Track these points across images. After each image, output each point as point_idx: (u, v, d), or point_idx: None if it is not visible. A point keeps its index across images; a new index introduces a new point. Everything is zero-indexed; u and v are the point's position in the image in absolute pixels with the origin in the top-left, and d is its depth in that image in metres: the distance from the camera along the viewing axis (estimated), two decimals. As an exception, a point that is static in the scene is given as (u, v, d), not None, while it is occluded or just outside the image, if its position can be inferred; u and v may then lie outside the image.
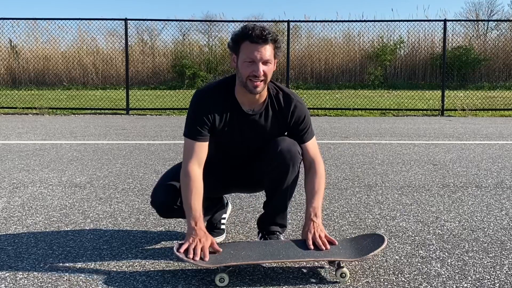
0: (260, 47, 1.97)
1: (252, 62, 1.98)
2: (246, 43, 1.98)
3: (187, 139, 2.09)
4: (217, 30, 17.68)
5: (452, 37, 16.37)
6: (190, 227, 1.98)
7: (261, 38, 1.96)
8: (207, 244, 1.93)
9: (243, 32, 1.99)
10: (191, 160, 2.05)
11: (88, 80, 16.36)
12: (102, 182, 3.74)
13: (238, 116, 2.12)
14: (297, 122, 2.16)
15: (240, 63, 2.02)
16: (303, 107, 2.17)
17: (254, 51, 1.97)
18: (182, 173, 2.06)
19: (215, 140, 2.14)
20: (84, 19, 11.09)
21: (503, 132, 7.08)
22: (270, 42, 1.99)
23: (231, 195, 3.14)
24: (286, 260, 1.97)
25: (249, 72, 1.99)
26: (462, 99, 11.38)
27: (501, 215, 2.90)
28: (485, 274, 2.01)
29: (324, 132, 7.07)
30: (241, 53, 2.01)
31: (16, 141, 5.92)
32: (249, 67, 1.99)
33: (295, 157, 2.11)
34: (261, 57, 1.98)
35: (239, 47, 2.01)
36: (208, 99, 2.10)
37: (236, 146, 2.19)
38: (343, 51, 16.18)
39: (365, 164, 4.53)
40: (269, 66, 2.02)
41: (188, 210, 2.00)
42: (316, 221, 2.06)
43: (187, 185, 2.02)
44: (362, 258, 1.94)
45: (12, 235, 2.49)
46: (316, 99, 11.42)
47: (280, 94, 2.15)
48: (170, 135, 6.64)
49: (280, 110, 2.14)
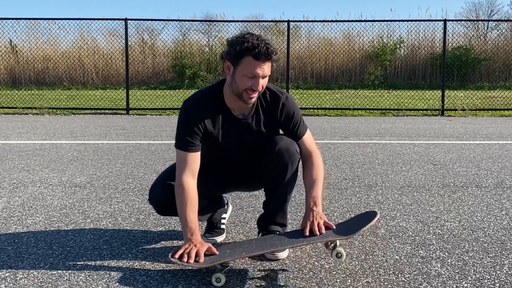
0: (263, 65, 1.98)
1: (253, 77, 1.98)
2: (249, 59, 1.96)
3: (179, 150, 2.08)
4: (217, 30, 17.69)
5: (452, 37, 16.35)
6: (186, 238, 1.98)
7: (266, 56, 1.96)
8: (203, 249, 1.94)
9: (247, 47, 1.95)
10: (184, 172, 2.05)
11: (88, 80, 16.36)
12: (102, 182, 3.74)
13: (230, 121, 2.12)
14: (287, 118, 2.16)
15: (238, 75, 2.00)
16: (292, 103, 2.17)
17: (257, 68, 1.97)
18: (176, 185, 2.06)
19: (209, 146, 2.14)
20: (84, 19, 11.09)
21: (503, 132, 7.08)
22: (272, 59, 2.00)
23: (231, 195, 3.14)
24: (280, 248, 1.97)
25: (248, 86, 1.99)
26: (462, 99, 11.37)
27: (501, 215, 2.90)
28: (485, 274, 2.01)
29: (324, 132, 7.07)
30: (242, 67, 1.99)
31: (16, 141, 5.92)
32: (249, 81, 1.99)
33: (293, 156, 2.11)
34: (263, 74, 1.99)
35: (240, 60, 1.98)
36: (197, 109, 2.09)
37: (231, 150, 2.19)
38: (343, 51, 16.18)
39: (365, 164, 4.53)
40: (266, 79, 2.04)
41: (183, 222, 2.01)
42: (316, 209, 2.05)
43: (182, 196, 2.02)
44: (356, 234, 1.92)
45: (12, 235, 2.49)
46: (316, 99, 11.41)
47: (267, 94, 2.14)
48: (170, 135, 6.64)
49: (268, 109, 2.14)
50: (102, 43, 15.05)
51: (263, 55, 1.95)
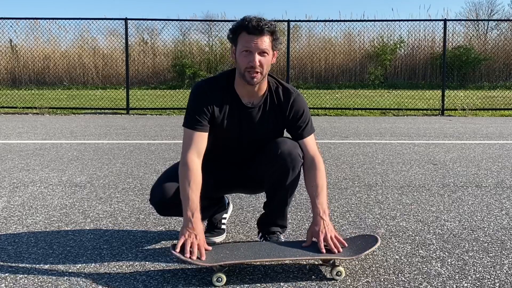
0: (256, 38, 1.98)
1: (249, 52, 1.99)
2: (243, 34, 2.00)
3: (186, 129, 2.08)
4: (217, 29, 17.67)
5: (452, 37, 16.37)
6: (187, 218, 1.95)
7: (257, 29, 1.97)
8: (202, 241, 1.92)
9: (240, 23, 2.01)
10: (190, 150, 2.04)
11: (88, 79, 16.36)
12: (102, 181, 3.74)
13: (238, 108, 2.12)
14: (295, 116, 2.15)
15: (238, 54, 2.03)
16: (302, 102, 2.17)
17: (251, 42, 1.99)
18: (181, 163, 2.04)
19: (214, 133, 2.13)
20: (84, 18, 11.11)
21: (503, 132, 7.08)
22: (267, 34, 2.00)
23: (231, 195, 3.14)
24: (282, 259, 1.97)
25: (246, 63, 2.00)
26: (462, 98, 11.37)
27: (501, 214, 2.90)
28: (485, 274, 2.01)
29: (324, 131, 7.07)
30: (239, 44, 2.02)
31: (16, 141, 5.92)
32: (246, 58, 2.00)
33: (295, 160, 2.09)
34: (257, 47, 1.99)
35: (237, 38, 2.02)
36: (208, 91, 2.10)
37: (235, 139, 2.18)
38: (343, 50, 16.18)
39: (365, 164, 4.53)
40: (266, 57, 2.02)
41: (185, 201, 1.97)
42: (325, 219, 2.03)
43: (185, 175, 2.00)
44: (356, 256, 1.94)
45: (12, 235, 2.49)
46: (316, 98, 11.41)
47: (280, 89, 2.16)
48: (170, 134, 6.64)
49: (279, 104, 2.14)
50: (102, 43, 15.08)
51: (255, 28, 1.97)
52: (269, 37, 2.02)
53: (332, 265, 1.94)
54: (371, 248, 1.97)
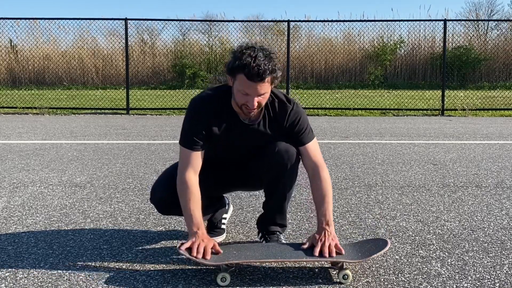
0: (255, 85, 1.91)
1: (247, 95, 1.94)
2: (242, 76, 1.90)
3: (183, 148, 2.08)
4: (217, 30, 17.66)
5: (452, 37, 16.36)
6: (192, 232, 1.98)
7: (258, 77, 1.89)
8: (210, 245, 1.94)
9: (239, 65, 1.90)
10: (187, 169, 2.05)
11: (88, 80, 16.35)
12: (102, 182, 3.74)
13: (235, 125, 2.10)
14: (292, 124, 2.12)
15: (235, 89, 1.97)
16: (299, 111, 2.13)
17: (250, 88, 1.92)
18: (179, 181, 2.05)
19: (211, 147, 2.12)
20: (84, 18, 11.10)
21: (503, 132, 7.08)
22: (267, 77, 1.92)
23: (231, 195, 3.14)
24: (289, 260, 1.97)
25: (243, 102, 1.96)
26: (462, 99, 11.37)
27: (501, 215, 2.90)
28: (485, 274, 2.01)
29: (324, 132, 7.07)
30: (236, 83, 1.95)
31: (16, 141, 5.92)
32: (244, 98, 1.95)
33: (292, 157, 2.10)
34: (256, 93, 1.94)
35: (235, 76, 1.95)
36: (204, 109, 2.07)
37: (234, 152, 2.19)
38: (343, 50, 16.17)
39: (365, 164, 4.53)
40: (265, 96, 1.98)
41: (188, 218, 2.01)
42: (328, 229, 2.02)
43: (185, 193, 2.02)
44: (364, 259, 1.94)
45: (12, 235, 2.49)
46: (316, 99, 11.41)
47: (275, 102, 2.11)
48: (170, 134, 6.64)
49: (275, 117, 2.11)
50: (102, 43, 15.07)
51: (255, 76, 1.88)
52: (269, 78, 1.94)
53: (340, 268, 1.94)
54: (379, 252, 1.96)
